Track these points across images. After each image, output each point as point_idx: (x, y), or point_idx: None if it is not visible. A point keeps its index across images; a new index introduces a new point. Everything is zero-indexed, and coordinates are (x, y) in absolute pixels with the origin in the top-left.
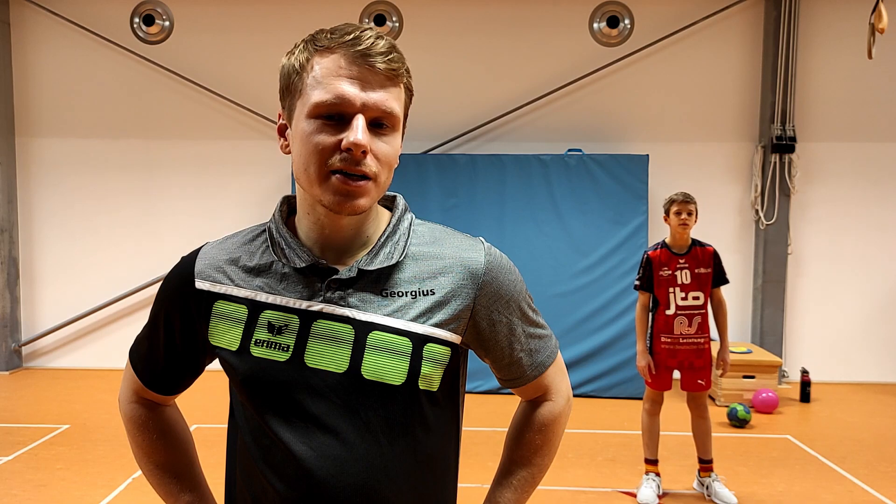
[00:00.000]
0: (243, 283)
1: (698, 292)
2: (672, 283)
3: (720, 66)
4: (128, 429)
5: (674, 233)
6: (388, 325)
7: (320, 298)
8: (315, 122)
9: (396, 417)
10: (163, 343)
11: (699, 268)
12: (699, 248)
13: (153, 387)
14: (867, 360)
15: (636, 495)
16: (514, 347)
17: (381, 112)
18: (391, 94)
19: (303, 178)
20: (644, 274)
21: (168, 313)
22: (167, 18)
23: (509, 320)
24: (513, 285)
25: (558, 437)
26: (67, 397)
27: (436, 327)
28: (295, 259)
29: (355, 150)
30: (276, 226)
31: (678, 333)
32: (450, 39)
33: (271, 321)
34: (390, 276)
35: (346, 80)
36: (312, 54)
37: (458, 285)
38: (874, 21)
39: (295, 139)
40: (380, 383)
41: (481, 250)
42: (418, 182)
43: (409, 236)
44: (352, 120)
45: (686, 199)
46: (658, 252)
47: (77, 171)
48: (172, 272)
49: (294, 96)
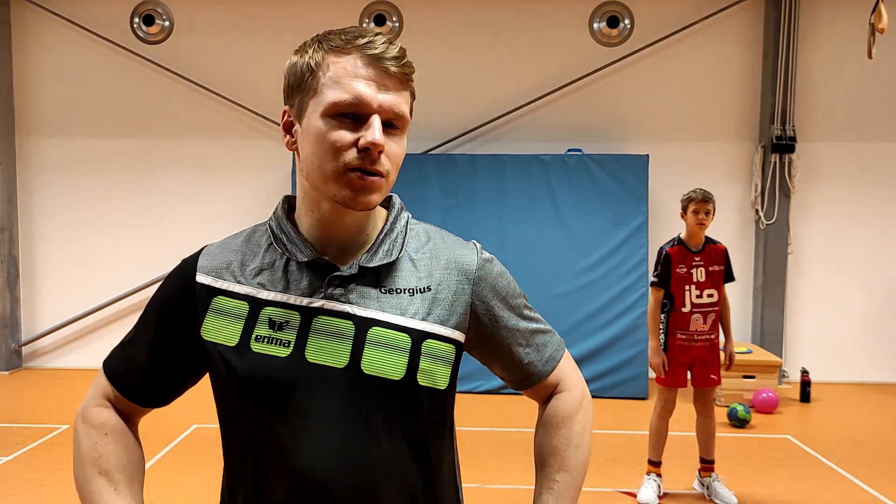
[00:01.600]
0: (244, 280)
1: (712, 289)
2: (688, 280)
3: (720, 66)
4: (83, 432)
5: (690, 231)
6: (388, 322)
7: (321, 295)
8: (331, 121)
9: (396, 414)
10: (150, 341)
11: (713, 265)
12: (712, 245)
13: (127, 393)
14: (867, 360)
15: (636, 495)
16: (519, 343)
17: (393, 114)
18: (402, 98)
19: (316, 174)
20: (662, 270)
21: (163, 308)
22: (167, 18)
23: (509, 315)
24: (507, 284)
25: (586, 428)
26: (67, 397)
27: (435, 324)
28: (297, 253)
29: (373, 150)
30: (279, 222)
31: (694, 330)
32: (449, 39)
33: (272, 317)
34: (389, 274)
35: (362, 81)
36: (327, 53)
37: (453, 283)
38: (874, 21)
39: (307, 136)
40: (379, 378)
41: (474, 251)
42: (418, 182)
43: (406, 234)
44: (367, 119)
45: (705, 198)
46: (675, 249)
47: (77, 170)
48: (173, 271)
49: (307, 94)
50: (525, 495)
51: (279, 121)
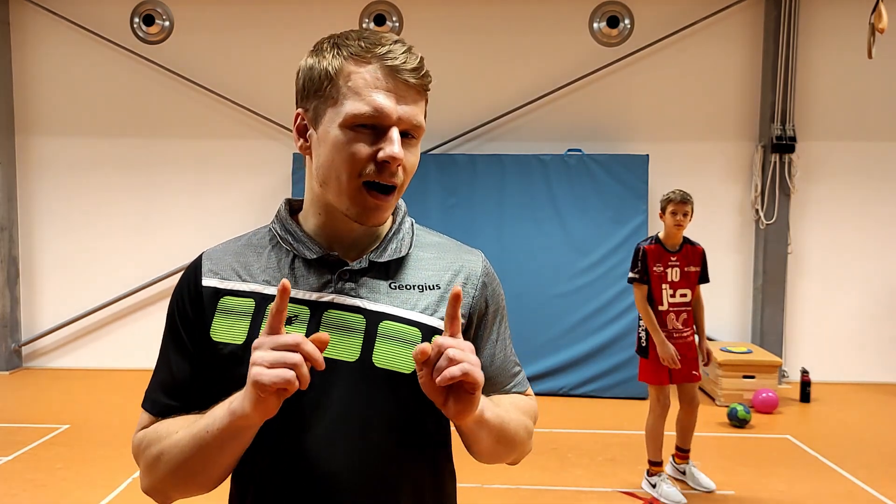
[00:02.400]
0: (250, 278)
1: (686, 289)
2: (663, 279)
3: (720, 66)
4: (143, 444)
5: (668, 231)
6: (399, 315)
7: (331, 289)
8: (349, 132)
9: (407, 407)
10: (180, 357)
11: (689, 266)
12: (690, 246)
13: (178, 413)
14: (867, 360)
15: (651, 498)
16: (505, 353)
17: (411, 125)
18: (420, 108)
19: (332, 184)
20: (641, 266)
21: (176, 321)
22: (167, 18)
23: (500, 327)
24: (502, 297)
25: (529, 427)
26: (67, 397)
27: (442, 321)
28: (304, 251)
29: (392, 164)
30: (283, 223)
31: (671, 328)
32: (449, 39)
33: None
34: (398, 271)
35: (382, 93)
36: (346, 60)
37: (459, 285)
38: (874, 21)
39: (323, 144)
40: (390, 371)
41: (480, 256)
42: (418, 182)
43: (413, 234)
44: (386, 131)
45: (684, 199)
46: (652, 247)
47: (77, 170)
48: (178, 282)
49: (324, 102)
50: (525, 495)
51: (280, 120)
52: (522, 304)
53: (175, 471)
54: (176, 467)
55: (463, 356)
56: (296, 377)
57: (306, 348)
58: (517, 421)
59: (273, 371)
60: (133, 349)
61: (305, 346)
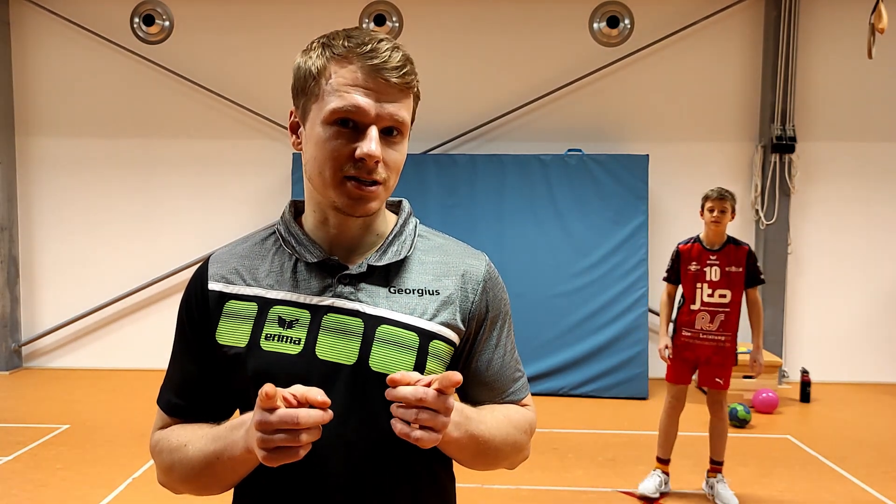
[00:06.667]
0: (254, 281)
1: (726, 290)
2: (700, 278)
3: (720, 66)
4: (159, 446)
5: (707, 229)
6: (397, 320)
7: (331, 293)
8: (331, 129)
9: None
10: (190, 359)
11: (730, 266)
12: (734, 245)
13: (191, 415)
14: (867, 360)
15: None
16: (504, 359)
17: (393, 122)
18: (403, 105)
19: (317, 180)
20: (672, 266)
21: (185, 325)
22: (167, 18)
23: (500, 332)
24: (506, 302)
25: (520, 441)
26: (67, 397)
27: (441, 325)
28: (306, 255)
29: (369, 161)
30: (287, 225)
31: (698, 328)
32: (450, 39)
33: (281, 316)
34: (398, 275)
35: (361, 91)
36: (329, 61)
37: (461, 288)
38: (874, 21)
39: (309, 141)
40: (386, 375)
41: (483, 260)
42: (418, 182)
43: (415, 237)
44: (366, 130)
45: (720, 196)
46: (689, 246)
47: (77, 170)
48: (187, 286)
49: (310, 99)
50: (525, 495)
51: (280, 120)
52: (523, 305)
53: (186, 482)
54: (187, 479)
55: (433, 422)
56: (297, 448)
57: (306, 422)
58: (503, 437)
59: (273, 456)
60: (133, 349)
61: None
